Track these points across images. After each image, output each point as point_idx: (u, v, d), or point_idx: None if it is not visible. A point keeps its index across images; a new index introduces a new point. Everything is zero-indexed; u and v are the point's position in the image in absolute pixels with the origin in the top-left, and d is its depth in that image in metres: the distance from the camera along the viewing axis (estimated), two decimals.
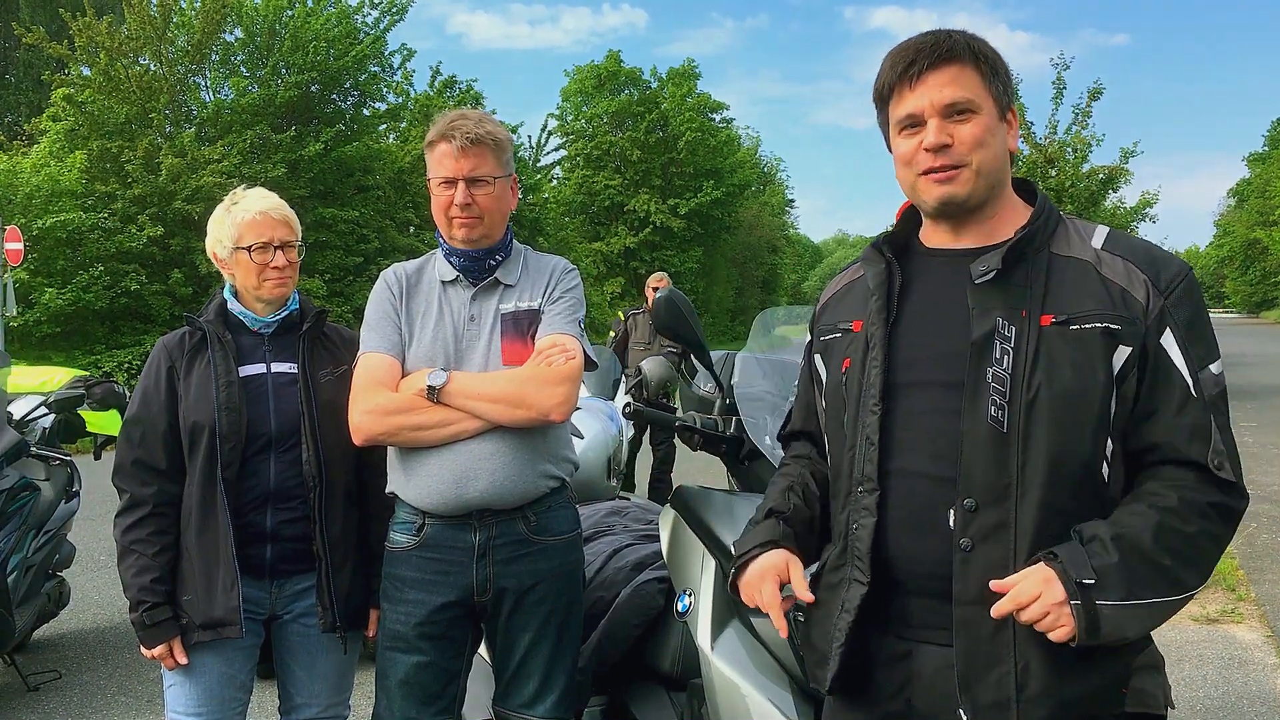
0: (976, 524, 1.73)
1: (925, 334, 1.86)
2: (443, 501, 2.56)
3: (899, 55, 1.85)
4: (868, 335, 1.90)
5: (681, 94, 43.90)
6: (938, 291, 1.88)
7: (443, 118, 2.65)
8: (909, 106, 1.84)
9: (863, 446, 1.85)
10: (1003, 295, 1.78)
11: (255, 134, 21.73)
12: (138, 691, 5.18)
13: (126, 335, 19.64)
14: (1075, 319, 1.74)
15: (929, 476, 1.80)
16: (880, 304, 1.90)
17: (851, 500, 1.88)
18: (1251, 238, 60.60)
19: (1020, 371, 1.73)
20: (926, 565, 1.79)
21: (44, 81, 24.18)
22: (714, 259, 45.12)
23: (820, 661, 1.92)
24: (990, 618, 1.70)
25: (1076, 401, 1.71)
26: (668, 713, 2.80)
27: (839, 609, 1.87)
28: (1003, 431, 1.73)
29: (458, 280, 2.68)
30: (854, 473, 1.87)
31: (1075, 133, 18.54)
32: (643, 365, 3.50)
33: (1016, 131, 1.91)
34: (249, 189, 2.89)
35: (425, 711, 2.63)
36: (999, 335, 1.75)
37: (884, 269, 1.93)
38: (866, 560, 1.82)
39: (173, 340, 2.82)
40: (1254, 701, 4.82)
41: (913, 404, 1.83)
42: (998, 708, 1.72)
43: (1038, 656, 1.70)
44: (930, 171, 1.82)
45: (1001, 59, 1.85)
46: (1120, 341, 1.72)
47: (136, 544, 2.69)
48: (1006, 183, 1.89)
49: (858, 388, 1.89)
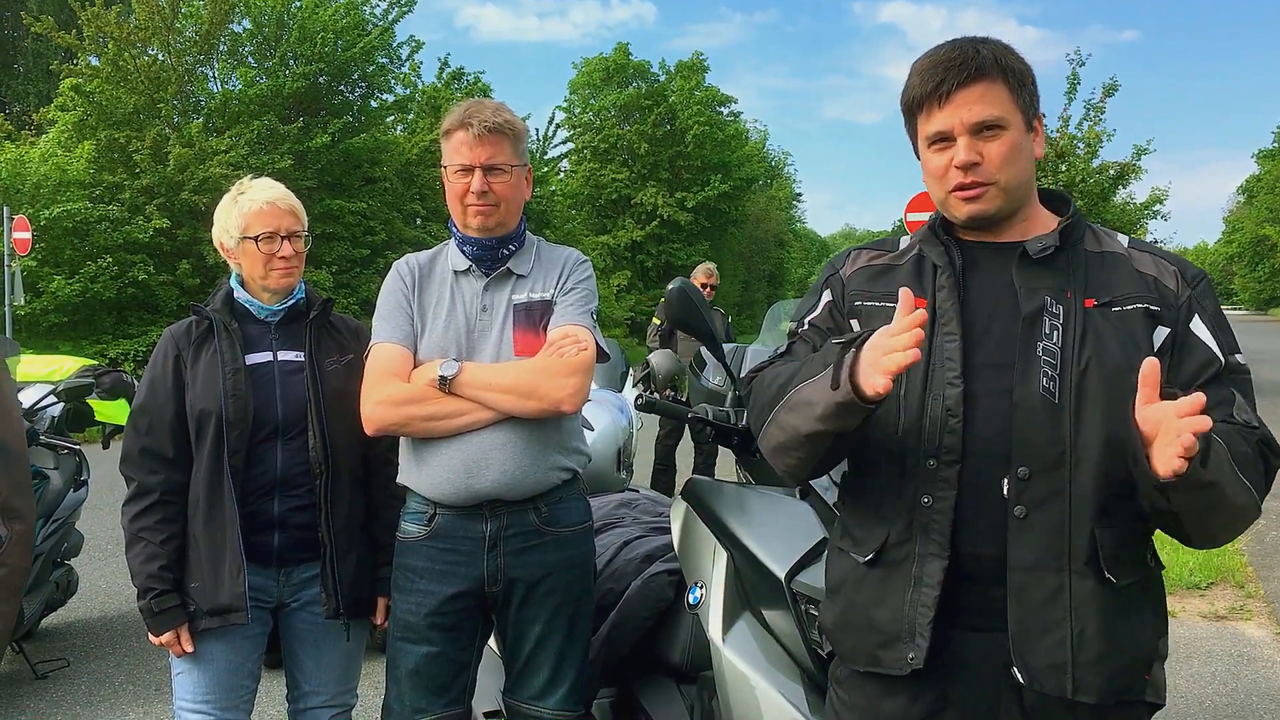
0: (1030, 491, 1.77)
1: (984, 316, 1.87)
2: (454, 492, 2.55)
3: (928, 71, 1.86)
4: (936, 309, 1.88)
5: (689, 87, 43.81)
6: (988, 278, 1.90)
7: (459, 106, 2.64)
8: (938, 124, 1.86)
9: (941, 418, 1.83)
10: (1048, 277, 1.84)
11: (263, 125, 21.76)
12: (146, 680, 5.19)
13: (134, 325, 19.69)
14: (1117, 301, 1.82)
15: (989, 455, 1.81)
16: (951, 281, 1.90)
17: (922, 473, 1.84)
18: (1261, 234, 60.42)
19: (1070, 346, 1.79)
20: (987, 545, 1.80)
21: (52, 71, 24.19)
22: (721, 253, 45.01)
23: (887, 642, 1.87)
24: (1046, 583, 1.76)
25: (1126, 377, 1.72)
26: (678, 705, 2.79)
27: (911, 586, 1.85)
28: (1054, 402, 1.77)
29: (470, 270, 2.67)
30: (923, 445, 1.84)
31: (1089, 128, 18.48)
32: (650, 359, 3.49)
33: (1042, 138, 1.94)
34: (256, 179, 2.89)
35: (435, 702, 2.63)
36: (1047, 312, 1.81)
37: (945, 250, 1.94)
38: (946, 534, 1.82)
39: (179, 329, 2.82)
40: (1262, 698, 4.80)
41: (975, 383, 1.83)
42: (1054, 670, 1.75)
43: (1095, 622, 1.75)
44: (960, 188, 1.86)
45: (1028, 68, 1.88)
46: (1160, 322, 1.81)
47: (144, 531, 2.70)
48: (1033, 189, 1.94)
49: (925, 361, 1.85)
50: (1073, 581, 1.75)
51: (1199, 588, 6.53)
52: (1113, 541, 1.76)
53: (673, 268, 39.31)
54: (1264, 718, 4.61)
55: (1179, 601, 6.23)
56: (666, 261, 41.07)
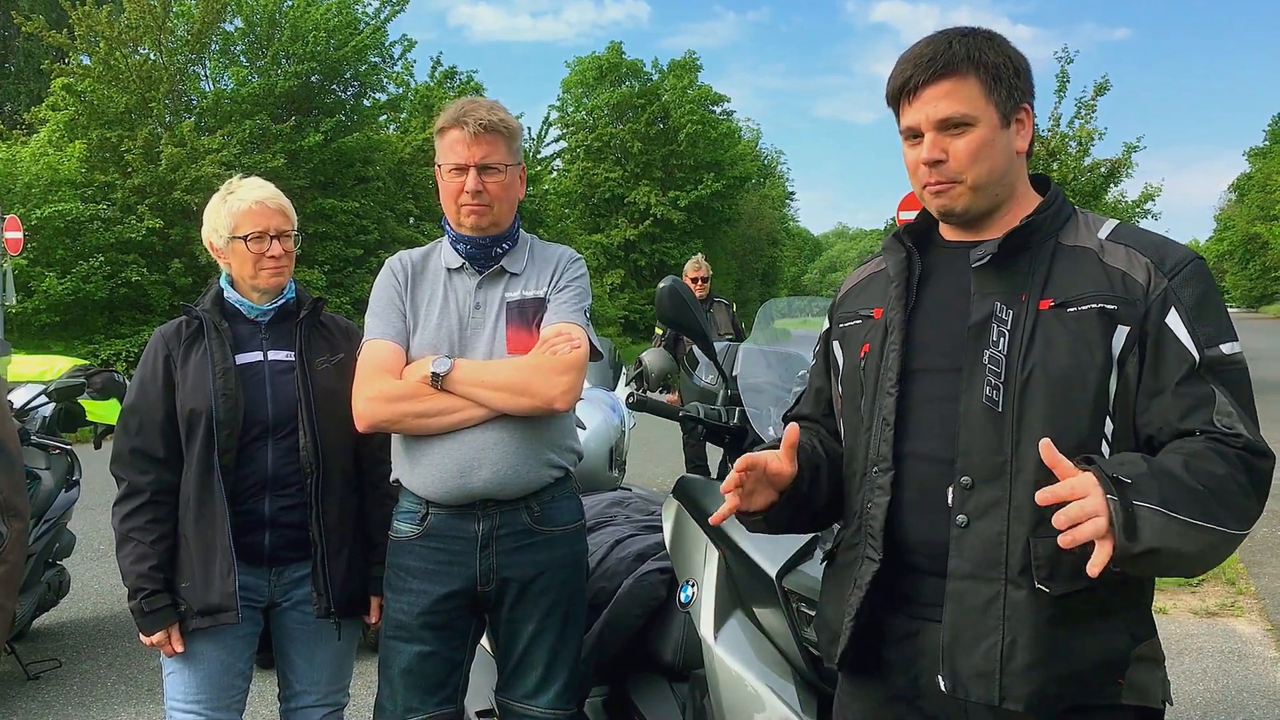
0: (973, 501, 1.77)
1: (938, 322, 1.89)
2: (446, 491, 2.55)
3: (899, 67, 1.88)
4: (887, 321, 1.93)
5: (682, 86, 43.84)
6: (952, 282, 1.90)
7: (453, 104, 2.63)
8: (908, 119, 1.87)
9: (879, 428, 1.88)
10: (1003, 281, 1.81)
11: (255, 124, 21.74)
12: (137, 680, 5.18)
13: (126, 325, 19.65)
14: (1072, 302, 1.76)
15: (936, 459, 1.83)
16: (900, 290, 1.93)
17: (866, 481, 1.90)
18: (1252, 232, 60.51)
19: (1015, 353, 1.76)
20: (933, 545, 1.82)
21: (43, 70, 24.12)
22: (714, 251, 44.98)
23: (832, 638, 1.95)
24: (982, 591, 1.74)
25: (1072, 382, 1.72)
26: (669, 703, 2.79)
27: (851, 585, 1.90)
28: (998, 411, 1.76)
29: (463, 268, 2.66)
30: (869, 454, 1.90)
31: (1080, 126, 18.51)
32: (643, 357, 3.49)
33: (1029, 129, 1.89)
34: (245, 178, 2.88)
35: (427, 701, 2.62)
36: (996, 319, 1.79)
37: (904, 258, 1.96)
38: (879, 538, 1.85)
39: (170, 329, 2.81)
40: (1254, 695, 4.82)
41: (923, 389, 1.87)
42: (981, 678, 1.74)
43: (1027, 632, 1.72)
44: (928, 184, 1.86)
45: (1011, 61, 1.83)
46: (1118, 321, 1.73)
47: (135, 532, 2.69)
48: (1016, 184, 1.89)
49: (875, 372, 1.92)
50: (1007, 591, 1.73)
51: (1190, 584, 6.54)
52: (1049, 552, 1.69)
53: (666, 266, 39.32)
54: (1255, 714, 4.62)
55: (1170, 598, 6.25)
56: (660, 260, 41.08)
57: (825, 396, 2.14)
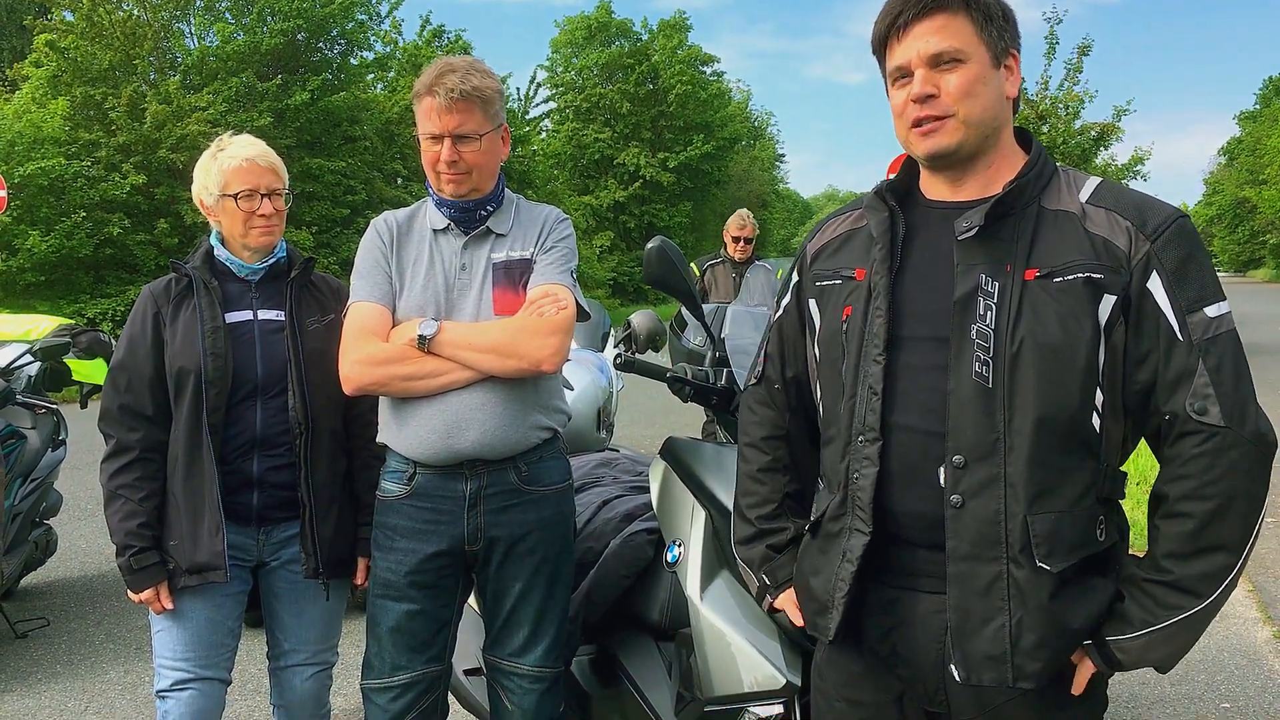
0: (966, 480, 1.74)
1: (923, 288, 1.84)
2: (433, 452, 2.55)
3: (889, 5, 1.83)
4: (871, 284, 1.88)
5: (672, 46, 43.52)
6: (935, 245, 1.86)
7: (431, 65, 2.58)
8: (897, 58, 1.82)
9: (865, 396, 1.84)
10: (987, 250, 1.77)
11: (240, 82, 21.47)
12: (126, 638, 5.20)
13: (112, 285, 19.52)
14: (1058, 272, 1.72)
15: (922, 431, 1.80)
16: (884, 252, 1.87)
17: (851, 449, 1.87)
18: (1241, 196, 60.62)
19: (1004, 326, 1.72)
20: (921, 517, 1.80)
21: (26, 26, 23.81)
22: (703, 213, 44.92)
23: (820, 610, 1.92)
24: (984, 572, 1.72)
25: (1061, 354, 1.70)
26: (656, 662, 2.81)
27: (840, 558, 1.88)
28: (988, 387, 1.73)
29: (449, 229, 2.65)
30: (854, 422, 1.86)
31: (1068, 89, 18.47)
32: (631, 319, 3.48)
33: (1018, 78, 1.85)
34: (236, 135, 2.85)
35: (415, 659, 2.64)
36: (981, 291, 1.75)
37: (887, 217, 1.90)
38: (869, 510, 1.82)
39: (159, 286, 2.80)
40: (1234, 655, 4.88)
41: (909, 358, 1.83)
42: (992, 661, 1.73)
43: (1032, 610, 1.71)
44: (919, 124, 1.81)
45: (1000, 5, 1.81)
46: (1105, 290, 1.71)
47: (123, 489, 2.69)
48: (1004, 130, 1.85)
49: (859, 336, 1.87)
50: (1009, 570, 1.71)
51: None
52: (1048, 528, 1.71)
53: (655, 228, 39.25)
54: (1236, 673, 4.68)
55: None
56: (649, 222, 40.96)
57: (797, 356, 2.10)
